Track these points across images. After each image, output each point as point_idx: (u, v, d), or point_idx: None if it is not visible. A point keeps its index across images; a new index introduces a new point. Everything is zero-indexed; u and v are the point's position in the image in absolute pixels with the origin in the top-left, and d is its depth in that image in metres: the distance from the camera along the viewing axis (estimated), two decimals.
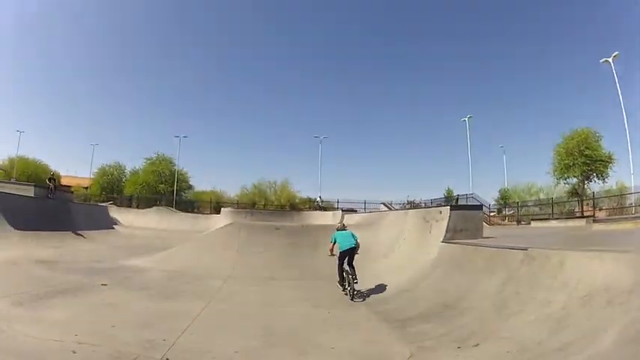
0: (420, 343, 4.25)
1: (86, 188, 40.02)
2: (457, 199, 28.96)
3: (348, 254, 7.07)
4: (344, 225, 7.83)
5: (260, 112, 72.03)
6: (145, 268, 9.62)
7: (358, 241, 7.21)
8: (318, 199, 31.13)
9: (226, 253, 10.30)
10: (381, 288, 7.37)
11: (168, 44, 72.79)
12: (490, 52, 63.25)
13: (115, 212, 25.48)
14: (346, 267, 7.10)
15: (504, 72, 63.30)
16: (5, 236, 11.97)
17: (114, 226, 20.70)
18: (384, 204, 28.92)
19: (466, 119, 35.70)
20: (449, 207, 8.68)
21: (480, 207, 11.69)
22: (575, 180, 25.73)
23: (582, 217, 20.15)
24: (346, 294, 7.04)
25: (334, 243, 7.34)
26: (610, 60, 24.64)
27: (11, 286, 6.64)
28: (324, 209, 24.50)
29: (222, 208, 25.80)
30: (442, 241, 7.66)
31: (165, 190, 35.95)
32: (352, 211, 23.34)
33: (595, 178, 24.98)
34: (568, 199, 26.88)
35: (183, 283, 8.23)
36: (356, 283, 6.94)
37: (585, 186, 25.52)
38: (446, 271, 6.60)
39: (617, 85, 23.97)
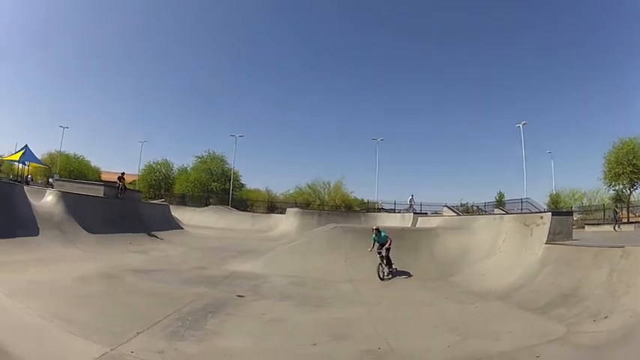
0: (566, 322, 5.05)
1: (131, 184, 39.98)
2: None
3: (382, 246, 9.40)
4: (378, 228, 9.74)
5: (310, 112, 70.09)
6: (259, 274, 9.04)
7: (389, 238, 9.46)
8: (408, 201, 28.71)
9: (335, 256, 10.27)
10: (496, 284, 7.85)
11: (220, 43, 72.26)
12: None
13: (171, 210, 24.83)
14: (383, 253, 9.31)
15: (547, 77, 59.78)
16: (82, 242, 10.78)
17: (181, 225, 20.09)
18: (448, 206, 27.20)
19: (520, 125, 33.35)
20: (550, 213, 9.47)
21: (570, 213, 13.16)
22: (620, 186, 27.29)
23: (629, 222, 21.98)
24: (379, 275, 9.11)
25: (374, 243, 9.40)
26: None
27: (139, 310, 5.40)
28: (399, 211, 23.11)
29: (287, 209, 25.03)
30: (545, 243, 8.27)
31: (217, 188, 35.60)
32: (424, 214, 22.01)
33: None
34: (614, 205, 27.40)
35: (314, 288, 8.05)
36: (387, 267, 9.24)
37: (630, 193, 27.23)
38: (556, 268, 7.17)
39: None
